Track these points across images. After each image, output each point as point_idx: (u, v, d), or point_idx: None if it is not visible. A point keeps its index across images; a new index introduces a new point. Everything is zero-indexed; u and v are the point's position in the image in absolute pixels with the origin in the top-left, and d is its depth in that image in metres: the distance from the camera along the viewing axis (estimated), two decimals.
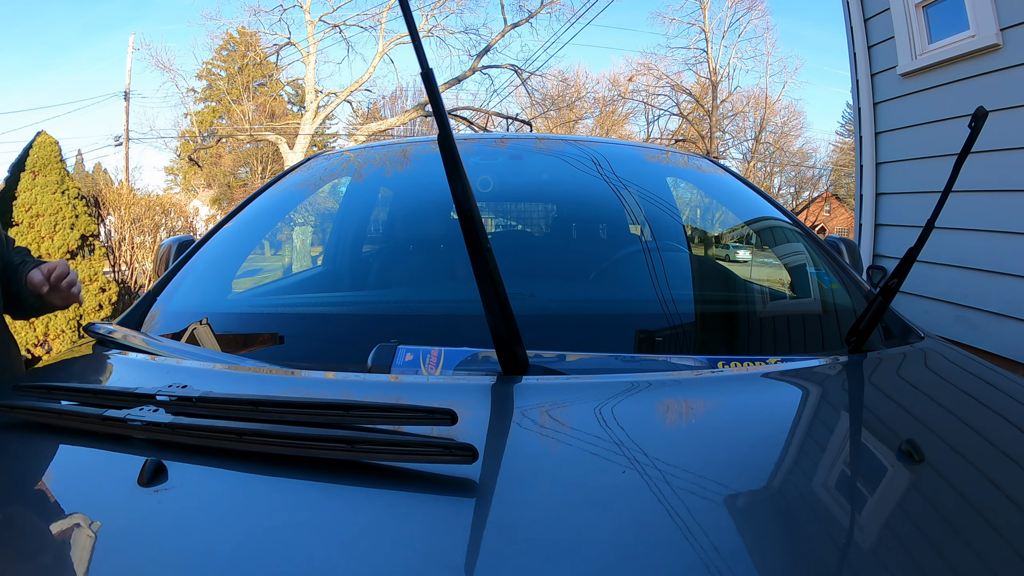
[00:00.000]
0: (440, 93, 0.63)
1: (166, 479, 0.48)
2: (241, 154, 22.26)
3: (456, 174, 0.61)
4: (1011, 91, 2.68)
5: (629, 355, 0.81)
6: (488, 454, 0.52)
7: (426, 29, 15.78)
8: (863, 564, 0.42)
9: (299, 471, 0.49)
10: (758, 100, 21.81)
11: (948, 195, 0.73)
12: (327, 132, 20.27)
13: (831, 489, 0.50)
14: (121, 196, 8.18)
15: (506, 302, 0.61)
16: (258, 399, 0.54)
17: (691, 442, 0.57)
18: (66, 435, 0.57)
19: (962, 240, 2.93)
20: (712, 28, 21.21)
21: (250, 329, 0.96)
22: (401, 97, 21.40)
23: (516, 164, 1.46)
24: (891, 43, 3.41)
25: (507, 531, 0.42)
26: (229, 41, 20.24)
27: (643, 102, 22.38)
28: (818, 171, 23.55)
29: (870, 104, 3.69)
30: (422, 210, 1.31)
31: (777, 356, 0.80)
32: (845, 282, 1.09)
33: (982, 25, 2.80)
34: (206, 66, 22.07)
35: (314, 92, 16.48)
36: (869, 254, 3.68)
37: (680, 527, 0.42)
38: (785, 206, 2.16)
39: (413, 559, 0.40)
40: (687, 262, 1.27)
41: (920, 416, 0.68)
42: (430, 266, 1.17)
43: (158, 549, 0.42)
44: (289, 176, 1.44)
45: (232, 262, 1.12)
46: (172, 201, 9.70)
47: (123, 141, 16.22)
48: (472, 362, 0.72)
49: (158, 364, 0.78)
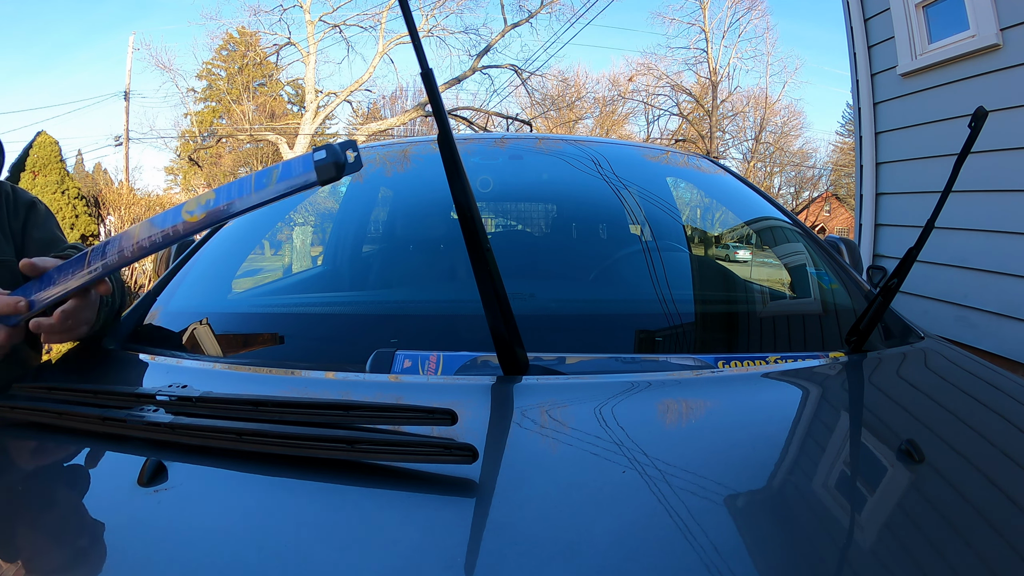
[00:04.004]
0: (440, 93, 0.63)
1: (166, 479, 0.48)
2: (241, 154, 22.25)
3: (456, 174, 0.61)
4: (1011, 91, 2.68)
5: (629, 355, 0.81)
6: (488, 454, 0.52)
7: (426, 29, 15.79)
8: (863, 564, 0.42)
9: (299, 471, 0.49)
10: (758, 100, 21.82)
11: (948, 195, 0.73)
12: (327, 132, 20.25)
13: (831, 489, 0.50)
14: (121, 196, 8.18)
15: (506, 302, 0.61)
16: (258, 399, 0.54)
17: (691, 442, 0.57)
18: (66, 435, 0.57)
19: (962, 240, 2.93)
20: (712, 28, 21.23)
21: (250, 329, 0.96)
22: (401, 97, 21.42)
23: (516, 164, 1.46)
24: (891, 43, 3.42)
25: (507, 531, 0.42)
26: (229, 41, 20.25)
27: (643, 102, 22.39)
28: (818, 171, 23.57)
29: (870, 104, 3.69)
30: (422, 210, 1.31)
31: (777, 356, 0.80)
32: (845, 282, 1.09)
33: (982, 25, 2.80)
34: (206, 66, 22.08)
35: (314, 92, 16.48)
36: (869, 254, 3.68)
37: (680, 527, 0.42)
38: (785, 206, 2.16)
39: (413, 559, 0.40)
40: (687, 262, 1.27)
41: (920, 416, 0.68)
42: (430, 266, 1.17)
43: (158, 549, 0.42)
44: None
45: (232, 262, 1.12)
46: (172, 201, 9.70)
47: (123, 141, 16.23)
48: (471, 367, 0.72)
49: (158, 364, 0.78)
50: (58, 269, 0.72)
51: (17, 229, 0.99)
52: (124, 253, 0.68)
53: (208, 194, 0.65)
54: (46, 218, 1.03)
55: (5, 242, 0.96)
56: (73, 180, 6.64)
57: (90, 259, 0.70)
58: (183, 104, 21.91)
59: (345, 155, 0.60)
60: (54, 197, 6.03)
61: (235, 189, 0.64)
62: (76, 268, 0.71)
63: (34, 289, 0.72)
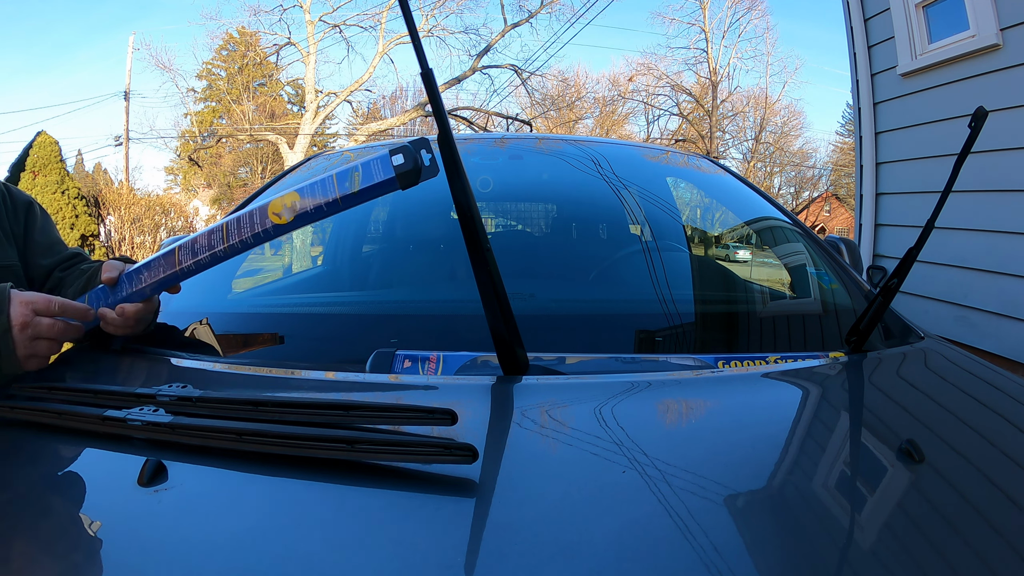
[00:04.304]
0: (440, 93, 0.63)
1: (166, 479, 0.48)
2: (241, 154, 22.26)
3: (456, 174, 0.61)
4: (1011, 91, 2.68)
5: (629, 355, 0.81)
6: (488, 454, 0.52)
7: (426, 29, 15.79)
8: (863, 564, 0.42)
9: (299, 471, 0.49)
10: (758, 100, 21.82)
11: (948, 195, 0.73)
12: (327, 132, 20.27)
13: (831, 489, 0.50)
14: (121, 196, 8.19)
15: (506, 302, 0.61)
16: (258, 399, 0.54)
17: (691, 442, 0.57)
18: (66, 435, 0.57)
19: (962, 240, 2.93)
20: (712, 28, 21.23)
21: (250, 329, 0.96)
22: (401, 97, 21.42)
23: (516, 164, 1.46)
24: (891, 43, 3.42)
25: (507, 531, 0.42)
26: (229, 41, 20.25)
27: (643, 102, 22.40)
28: (818, 171, 23.57)
29: (870, 104, 3.69)
30: (422, 210, 1.31)
31: (777, 356, 0.80)
32: (845, 282, 1.09)
33: (982, 25, 2.80)
34: (206, 66, 22.08)
35: (314, 92, 16.49)
36: (869, 254, 3.68)
37: (680, 527, 0.42)
38: (785, 206, 2.16)
39: (413, 559, 0.40)
40: (687, 262, 1.27)
41: (920, 416, 0.68)
42: (430, 266, 1.17)
43: (158, 549, 0.42)
44: (289, 176, 1.44)
45: (232, 262, 1.12)
46: (172, 201, 9.71)
47: (123, 141, 16.23)
48: (471, 367, 0.72)
49: (158, 364, 0.78)
50: (146, 265, 0.77)
51: (19, 232, 0.97)
52: (216, 251, 0.72)
53: (292, 195, 0.68)
54: (44, 220, 1.02)
55: (8, 245, 0.94)
56: (73, 180, 6.63)
57: (180, 257, 0.74)
58: (183, 104, 21.94)
59: (421, 158, 0.64)
60: (54, 197, 6.03)
61: (319, 190, 0.66)
62: (166, 266, 0.75)
63: (121, 291, 0.78)
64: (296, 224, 0.69)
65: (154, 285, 0.76)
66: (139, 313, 0.78)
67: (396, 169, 0.64)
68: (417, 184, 0.64)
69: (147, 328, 0.83)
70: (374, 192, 0.65)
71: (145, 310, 0.79)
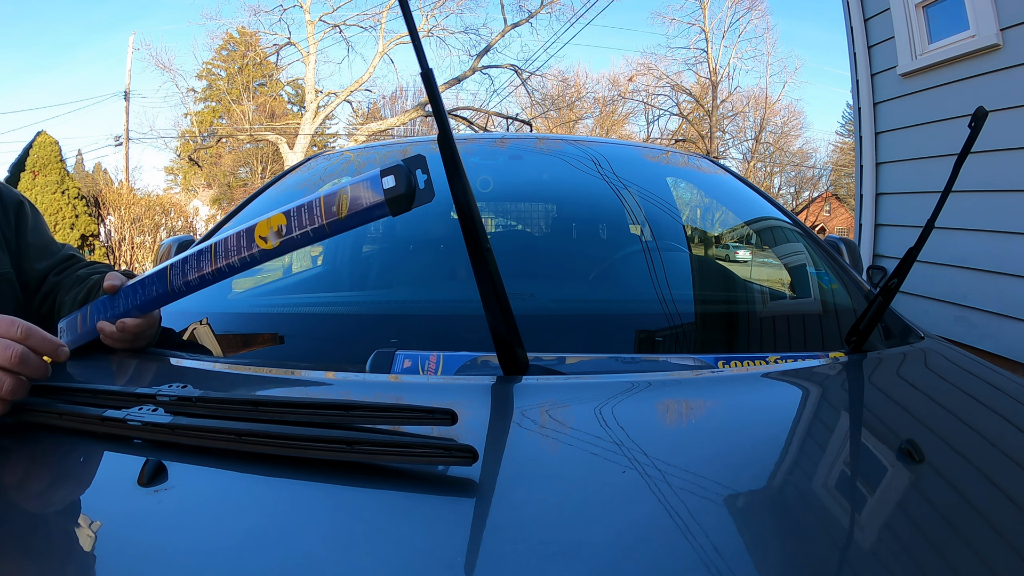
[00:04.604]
0: (440, 93, 0.63)
1: (166, 479, 0.48)
2: (241, 154, 22.26)
3: (456, 174, 0.61)
4: (1011, 91, 2.68)
5: (629, 355, 0.81)
6: (488, 454, 0.52)
7: (426, 29, 15.79)
8: (863, 564, 0.42)
9: (299, 471, 0.49)
10: (758, 100, 21.83)
11: (948, 195, 0.73)
12: (327, 132, 20.27)
13: (831, 489, 0.50)
14: (121, 196, 8.18)
15: (506, 302, 0.61)
16: (258, 399, 0.54)
17: (691, 442, 0.57)
18: (66, 435, 0.57)
19: (962, 240, 2.93)
20: (712, 28, 21.24)
21: (250, 329, 0.96)
22: (401, 97, 21.43)
23: (516, 164, 1.46)
24: (891, 43, 3.42)
25: (507, 531, 0.42)
26: (229, 41, 20.25)
27: (643, 102, 22.40)
28: (818, 171, 23.58)
29: (870, 104, 3.69)
30: (422, 210, 1.30)
31: (777, 356, 0.80)
32: (845, 282, 1.09)
33: (982, 25, 2.80)
34: (206, 66, 22.08)
35: (314, 92, 16.49)
36: (869, 254, 3.68)
37: (680, 527, 0.42)
38: (785, 206, 2.16)
39: (413, 559, 0.40)
40: (687, 262, 1.27)
41: (920, 416, 0.68)
42: (430, 266, 1.17)
43: (158, 549, 0.42)
44: (289, 176, 1.44)
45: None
46: (172, 201, 9.71)
47: (123, 141, 16.23)
48: (471, 367, 0.72)
49: (158, 364, 0.78)
50: (140, 284, 0.75)
51: (10, 236, 0.92)
52: (204, 273, 0.70)
53: (278, 218, 0.65)
54: (36, 219, 0.97)
55: (0, 250, 0.90)
56: (73, 180, 6.63)
57: (171, 278, 0.72)
58: (183, 104, 21.94)
59: (416, 180, 0.60)
60: (54, 197, 6.02)
61: (305, 215, 0.64)
62: (157, 286, 0.73)
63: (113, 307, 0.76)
64: (283, 250, 0.66)
65: (149, 303, 0.75)
66: (139, 328, 0.75)
67: (387, 193, 0.60)
68: (410, 210, 0.60)
69: (149, 343, 0.81)
70: (362, 218, 0.61)
71: (146, 324, 0.77)
